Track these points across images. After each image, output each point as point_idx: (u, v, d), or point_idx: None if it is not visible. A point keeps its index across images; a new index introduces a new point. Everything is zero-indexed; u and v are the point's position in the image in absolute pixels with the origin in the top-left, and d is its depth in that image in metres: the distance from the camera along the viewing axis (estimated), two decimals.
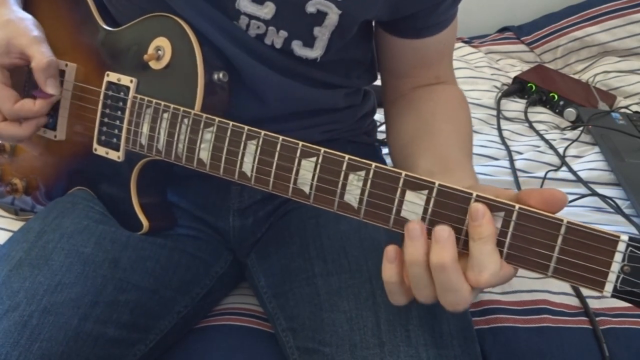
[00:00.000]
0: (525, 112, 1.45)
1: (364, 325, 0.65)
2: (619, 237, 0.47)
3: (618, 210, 1.08)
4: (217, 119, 0.64)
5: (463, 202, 0.52)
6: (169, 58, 0.69)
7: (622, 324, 0.86)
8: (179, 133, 0.66)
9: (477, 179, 0.68)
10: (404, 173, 0.54)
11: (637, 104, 1.50)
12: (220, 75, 0.68)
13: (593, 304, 0.88)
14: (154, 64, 0.70)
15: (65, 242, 0.72)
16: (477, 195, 0.51)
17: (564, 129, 1.41)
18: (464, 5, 0.78)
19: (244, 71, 0.72)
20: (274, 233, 0.82)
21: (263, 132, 0.61)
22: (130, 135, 0.71)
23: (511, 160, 1.24)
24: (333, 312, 0.67)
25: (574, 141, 1.32)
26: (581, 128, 1.35)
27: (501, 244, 0.51)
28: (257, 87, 0.74)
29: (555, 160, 1.25)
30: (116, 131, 0.72)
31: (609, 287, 0.48)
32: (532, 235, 0.50)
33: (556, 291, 0.89)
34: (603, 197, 1.11)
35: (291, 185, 0.59)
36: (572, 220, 0.49)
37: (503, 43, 1.79)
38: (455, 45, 1.73)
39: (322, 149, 0.57)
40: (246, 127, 0.62)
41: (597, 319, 0.85)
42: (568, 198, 0.51)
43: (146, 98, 0.69)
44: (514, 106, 1.49)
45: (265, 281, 0.79)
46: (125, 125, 0.71)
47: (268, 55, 0.72)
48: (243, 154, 0.62)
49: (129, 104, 0.71)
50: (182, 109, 0.66)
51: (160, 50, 0.69)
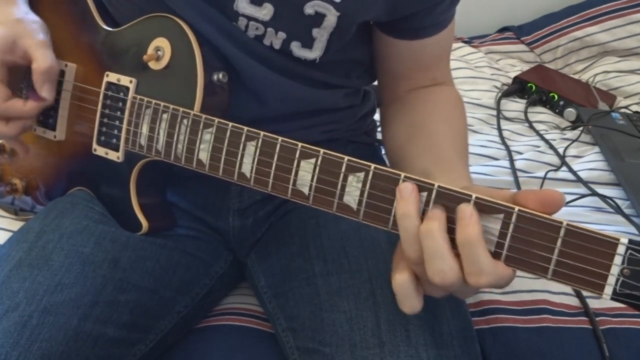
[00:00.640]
0: (525, 112, 1.45)
1: (364, 325, 0.65)
2: (618, 239, 0.47)
3: (618, 210, 1.08)
4: (216, 119, 0.64)
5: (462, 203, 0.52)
6: (169, 58, 0.69)
7: (622, 324, 0.86)
8: (179, 133, 0.66)
9: (471, 179, 0.68)
10: (403, 174, 0.54)
11: (637, 104, 1.50)
12: (220, 75, 0.68)
13: (593, 304, 0.88)
14: (153, 65, 0.70)
15: (65, 242, 0.72)
16: (477, 197, 0.51)
17: (564, 129, 1.41)
18: (464, 5, 0.78)
19: (244, 71, 0.72)
20: (274, 233, 0.82)
21: (262, 133, 0.60)
22: (129, 135, 0.71)
23: (511, 160, 1.24)
24: (333, 312, 0.67)
25: (574, 141, 1.32)
26: (581, 128, 1.35)
27: (500, 246, 0.51)
28: (256, 87, 0.74)
29: (555, 160, 1.25)
30: (116, 131, 0.72)
31: (608, 290, 0.47)
32: (531, 238, 0.50)
33: (556, 291, 0.89)
34: (603, 197, 1.11)
35: (290, 187, 0.59)
36: (572, 223, 0.48)
37: (503, 43, 1.78)
38: (455, 45, 1.75)
39: (322, 150, 0.57)
40: (245, 128, 0.62)
41: (597, 319, 0.85)
42: (566, 198, 0.50)
43: (146, 98, 0.69)
44: (514, 106, 1.49)
45: (265, 281, 0.79)
46: (124, 126, 0.71)
47: (267, 56, 0.72)
48: (242, 155, 0.62)
49: (128, 105, 0.71)
50: (181, 109, 0.66)
51: (159, 50, 0.69)
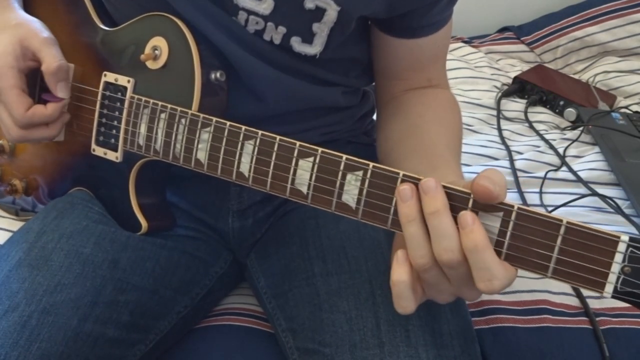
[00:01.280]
0: (525, 112, 1.45)
1: (364, 325, 0.65)
2: (619, 237, 0.47)
3: (618, 210, 1.08)
4: (214, 119, 0.63)
5: (462, 202, 0.52)
6: (166, 58, 0.69)
7: (622, 324, 0.86)
8: (177, 133, 0.66)
9: (462, 175, 0.68)
10: (401, 173, 0.54)
11: (637, 104, 1.50)
12: (218, 74, 0.68)
13: (593, 304, 0.87)
14: (151, 64, 0.69)
15: (64, 242, 0.71)
16: (474, 201, 0.51)
17: (564, 129, 1.41)
18: (464, 5, 0.78)
19: (242, 68, 0.72)
20: (274, 233, 0.82)
21: (260, 132, 0.60)
22: (128, 135, 0.71)
23: (511, 160, 1.24)
24: (333, 312, 0.67)
25: (574, 141, 1.32)
26: (581, 128, 1.35)
27: (500, 244, 0.51)
28: (255, 84, 0.74)
29: (555, 160, 1.25)
30: (114, 132, 0.72)
31: (609, 288, 0.47)
32: (531, 236, 0.50)
33: (556, 291, 0.89)
34: (603, 197, 1.11)
35: (289, 186, 0.59)
36: (572, 220, 0.48)
37: (503, 43, 1.78)
38: (455, 45, 1.75)
39: (320, 149, 0.57)
40: (243, 127, 0.61)
41: (597, 319, 0.85)
42: (504, 176, 0.51)
43: (143, 98, 0.69)
44: (514, 106, 1.49)
45: (265, 281, 0.79)
46: (122, 126, 0.71)
47: (267, 52, 0.72)
48: (240, 154, 0.62)
49: (126, 104, 0.70)
50: (179, 109, 0.66)
51: (157, 50, 0.69)
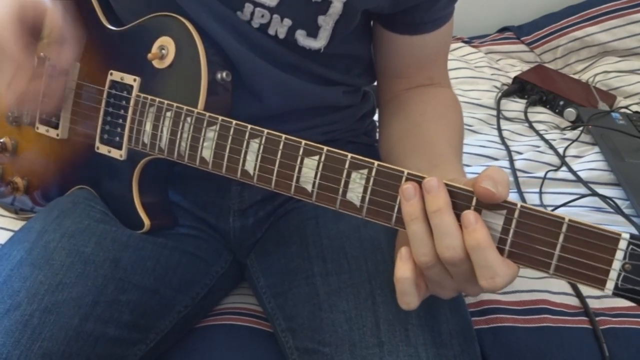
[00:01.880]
0: (525, 112, 1.45)
1: (363, 325, 0.65)
2: (620, 235, 0.47)
3: (618, 210, 1.08)
4: (220, 117, 0.64)
5: (465, 200, 0.52)
6: (173, 57, 0.69)
7: (622, 324, 0.86)
8: (182, 131, 0.66)
9: (463, 173, 0.68)
10: (406, 171, 0.54)
11: (637, 104, 1.50)
12: (224, 74, 0.69)
13: (593, 303, 0.88)
14: (157, 63, 0.70)
15: (66, 241, 0.71)
16: (477, 202, 0.51)
17: (564, 129, 1.41)
18: (464, 5, 0.78)
19: (243, 67, 0.72)
20: (274, 233, 0.82)
21: (266, 130, 0.61)
22: (132, 133, 0.71)
23: (511, 160, 1.24)
24: (332, 312, 0.67)
25: (574, 141, 1.32)
26: (581, 128, 1.35)
27: (503, 242, 0.51)
28: (255, 83, 0.74)
29: (555, 160, 1.25)
30: (119, 130, 0.72)
31: (610, 285, 0.48)
32: (533, 233, 0.50)
33: (556, 291, 0.89)
34: (603, 197, 1.11)
35: (294, 184, 0.59)
36: (574, 219, 0.49)
37: (503, 43, 1.78)
38: (455, 45, 1.75)
39: (325, 148, 0.57)
40: (249, 126, 0.62)
41: (597, 318, 0.85)
42: (506, 174, 0.52)
43: (149, 97, 0.69)
44: (514, 106, 1.49)
45: (264, 281, 0.79)
46: (128, 124, 0.71)
47: (270, 49, 0.72)
48: (246, 153, 0.62)
49: (132, 103, 0.71)
50: (185, 107, 0.66)
51: (164, 49, 0.69)
